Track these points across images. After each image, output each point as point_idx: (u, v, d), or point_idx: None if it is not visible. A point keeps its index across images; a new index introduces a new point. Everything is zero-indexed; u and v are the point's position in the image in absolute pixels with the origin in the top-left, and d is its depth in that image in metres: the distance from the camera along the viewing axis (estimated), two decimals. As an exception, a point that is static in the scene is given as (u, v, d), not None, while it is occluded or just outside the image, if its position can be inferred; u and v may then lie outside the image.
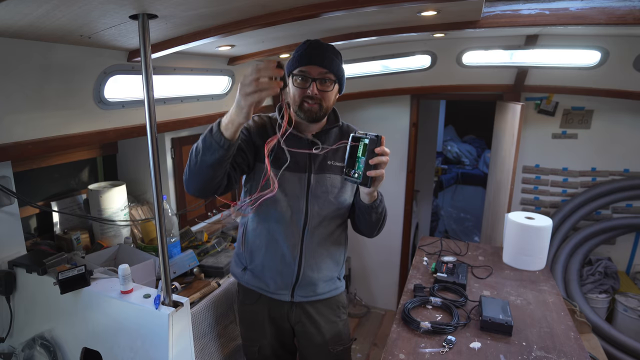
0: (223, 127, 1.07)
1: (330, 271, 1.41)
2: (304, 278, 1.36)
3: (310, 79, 1.23)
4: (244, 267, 1.42)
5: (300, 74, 1.24)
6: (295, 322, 1.43)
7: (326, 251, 1.38)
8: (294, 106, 1.28)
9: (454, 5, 1.38)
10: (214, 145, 1.08)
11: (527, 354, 1.25)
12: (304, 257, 1.34)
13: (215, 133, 1.07)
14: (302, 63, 1.23)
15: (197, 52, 1.80)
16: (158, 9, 0.96)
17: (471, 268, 1.84)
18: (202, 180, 1.15)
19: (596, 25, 1.63)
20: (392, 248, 3.35)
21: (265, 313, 1.42)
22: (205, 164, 1.11)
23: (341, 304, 1.48)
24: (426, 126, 3.95)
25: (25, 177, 1.65)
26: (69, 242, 1.69)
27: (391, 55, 2.61)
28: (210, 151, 1.09)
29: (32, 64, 1.21)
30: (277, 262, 1.35)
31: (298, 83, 1.25)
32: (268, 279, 1.38)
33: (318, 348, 1.44)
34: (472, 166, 6.11)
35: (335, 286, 1.45)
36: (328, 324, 1.43)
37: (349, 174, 1.15)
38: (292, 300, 1.38)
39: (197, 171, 1.14)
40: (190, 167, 1.15)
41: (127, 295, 1.21)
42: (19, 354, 1.34)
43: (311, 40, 1.27)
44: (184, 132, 2.24)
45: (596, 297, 2.68)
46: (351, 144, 1.14)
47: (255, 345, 1.46)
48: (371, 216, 1.29)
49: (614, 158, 2.77)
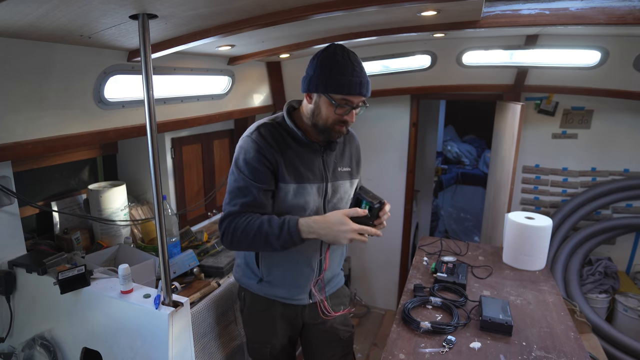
0: (305, 236, 1.16)
1: (339, 265, 1.49)
2: (323, 281, 1.40)
3: (351, 108, 1.20)
4: (259, 279, 1.38)
5: (343, 102, 1.19)
6: (309, 318, 1.45)
7: (338, 250, 1.44)
8: (323, 125, 1.23)
9: (454, 5, 1.38)
10: (292, 245, 1.18)
11: (527, 354, 1.25)
12: (323, 262, 1.36)
13: (296, 239, 1.16)
14: (348, 92, 1.17)
15: (197, 52, 1.80)
16: (158, 9, 0.96)
17: (471, 268, 1.84)
18: (251, 250, 1.32)
19: (596, 25, 1.63)
20: (392, 248, 3.35)
21: (277, 314, 1.42)
22: (269, 249, 1.21)
23: (345, 293, 1.56)
24: (426, 126, 3.95)
25: (25, 177, 1.65)
26: (69, 242, 1.69)
27: (391, 55, 2.61)
28: (285, 248, 1.19)
29: (32, 64, 1.21)
30: (298, 272, 1.35)
31: (338, 110, 1.19)
32: (287, 288, 1.37)
33: (328, 335, 1.48)
34: (472, 166, 6.10)
35: (340, 277, 1.53)
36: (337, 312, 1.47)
37: None
38: (310, 301, 1.41)
39: (256, 248, 1.28)
40: (251, 247, 1.28)
41: (127, 295, 1.21)
42: (19, 354, 1.34)
43: (351, 56, 1.20)
44: (184, 132, 2.24)
45: (596, 297, 2.68)
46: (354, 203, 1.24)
47: (266, 346, 1.45)
48: None
49: (614, 158, 2.76)
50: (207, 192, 2.47)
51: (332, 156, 1.34)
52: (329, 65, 1.18)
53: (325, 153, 1.31)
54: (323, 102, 1.20)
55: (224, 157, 2.62)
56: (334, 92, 1.17)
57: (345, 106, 1.19)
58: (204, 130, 2.40)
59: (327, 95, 1.18)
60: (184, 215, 2.29)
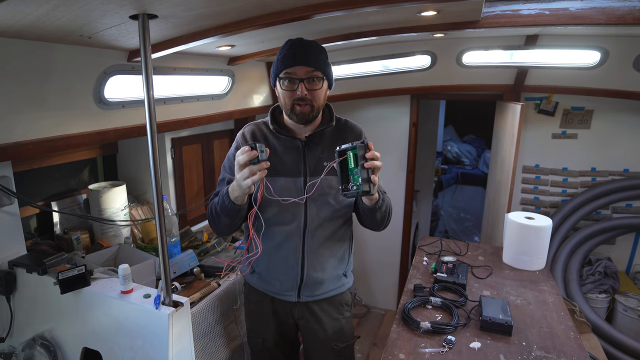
0: (233, 199, 1.18)
1: (335, 270, 1.42)
2: (309, 279, 1.37)
3: (297, 80, 1.22)
4: (252, 271, 1.45)
5: (286, 76, 1.23)
6: (298, 318, 1.45)
7: (329, 251, 1.38)
8: (285, 110, 1.28)
9: (454, 5, 1.38)
10: (230, 211, 1.21)
11: (527, 354, 1.25)
12: (307, 259, 1.35)
13: (229, 204, 1.19)
14: (287, 65, 1.22)
15: (197, 52, 1.80)
16: (158, 9, 0.96)
17: (471, 268, 1.84)
18: (227, 228, 1.31)
19: (596, 25, 1.63)
20: (392, 248, 3.35)
21: (269, 309, 1.45)
22: (227, 220, 1.26)
23: (345, 302, 1.50)
24: (426, 126, 3.95)
25: (25, 177, 1.65)
26: (69, 242, 1.69)
27: (391, 55, 2.61)
28: (228, 214, 1.23)
29: (32, 64, 1.21)
30: (281, 266, 1.37)
31: (286, 86, 1.24)
32: (274, 282, 1.40)
33: (321, 344, 1.46)
34: (472, 166, 6.10)
35: (340, 283, 1.46)
36: (331, 321, 1.45)
37: (346, 189, 1.11)
38: (299, 300, 1.40)
39: (222, 224, 1.28)
40: (215, 221, 1.29)
41: (127, 295, 1.21)
42: (19, 354, 1.34)
43: (293, 40, 1.26)
44: (184, 132, 2.24)
45: (596, 297, 2.68)
46: (339, 160, 1.11)
47: (259, 337, 1.49)
48: (375, 216, 1.30)
49: (614, 158, 2.76)
50: (207, 192, 2.47)
51: (317, 151, 1.33)
52: (279, 52, 1.27)
53: (306, 148, 1.32)
54: (278, 87, 1.28)
55: (224, 157, 2.58)
56: (278, 72, 1.25)
57: (291, 81, 1.23)
58: (204, 130, 2.40)
59: (277, 80, 1.27)
60: (184, 215, 2.29)
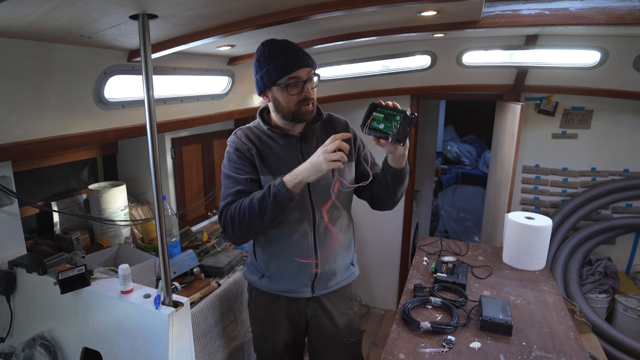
0: (292, 186, 1.16)
1: (344, 259, 1.46)
2: (323, 272, 1.38)
3: (301, 83, 1.24)
4: (261, 275, 1.43)
5: (291, 81, 1.24)
6: (311, 317, 1.45)
7: (337, 241, 1.41)
8: (287, 113, 1.29)
9: (454, 5, 1.38)
10: (285, 203, 1.17)
11: (527, 354, 1.25)
12: (319, 253, 1.36)
13: (285, 193, 1.16)
14: (291, 69, 1.22)
15: (197, 52, 1.80)
16: (158, 9, 0.96)
17: (471, 268, 1.84)
18: (259, 233, 1.29)
19: (596, 25, 1.63)
20: (392, 248, 3.35)
21: (282, 311, 1.44)
22: (274, 221, 1.22)
23: (353, 296, 1.53)
24: (426, 126, 3.95)
25: (25, 177, 1.65)
26: (69, 242, 1.69)
27: (391, 55, 2.61)
28: (281, 209, 1.19)
29: (32, 64, 1.21)
30: (294, 265, 1.36)
31: (292, 91, 1.25)
32: (287, 282, 1.39)
33: (332, 340, 1.47)
34: (472, 166, 6.10)
35: (349, 273, 1.49)
36: (342, 316, 1.46)
37: (397, 132, 1.15)
38: (313, 295, 1.40)
39: (260, 228, 1.24)
40: (252, 226, 1.22)
41: (127, 295, 1.21)
42: (19, 354, 1.34)
43: (280, 42, 1.26)
44: (184, 132, 2.24)
45: (596, 297, 2.68)
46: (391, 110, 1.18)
47: (269, 342, 1.47)
48: (402, 181, 1.33)
49: (614, 158, 2.76)
50: (207, 192, 2.47)
51: (312, 145, 1.34)
52: (264, 60, 1.26)
53: (301, 144, 1.35)
54: (277, 93, 1.27)
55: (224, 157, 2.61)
56: (278, 78, 1.23)
57: (296, 84, 1.24)
58: (204, 130, 2.40)
59: (276, 86, 1.25)
60: (184, 215, 2.29)
